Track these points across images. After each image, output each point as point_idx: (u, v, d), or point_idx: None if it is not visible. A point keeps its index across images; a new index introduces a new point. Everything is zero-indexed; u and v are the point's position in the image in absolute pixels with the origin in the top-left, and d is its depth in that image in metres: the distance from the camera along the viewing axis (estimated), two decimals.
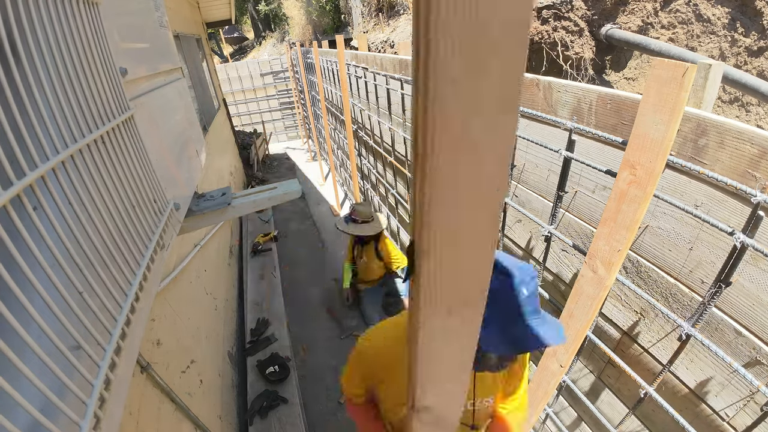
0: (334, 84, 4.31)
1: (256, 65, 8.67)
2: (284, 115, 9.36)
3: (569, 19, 5.19)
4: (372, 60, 2.85)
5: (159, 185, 0.91)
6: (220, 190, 1.44)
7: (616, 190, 0.87)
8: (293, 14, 10.32)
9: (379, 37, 6.24)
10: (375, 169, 3.73)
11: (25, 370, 0.38)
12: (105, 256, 0.60)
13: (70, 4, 0.62)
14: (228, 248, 3.58)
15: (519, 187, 1.56)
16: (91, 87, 0.65)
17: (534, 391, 1.33)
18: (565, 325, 1.13)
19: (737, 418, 0.93)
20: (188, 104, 1.47)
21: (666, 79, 0.70)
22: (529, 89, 1.34)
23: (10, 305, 0.38)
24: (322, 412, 2.63)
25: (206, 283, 2.45)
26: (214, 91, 5.39)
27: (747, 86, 4.11)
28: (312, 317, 3.52)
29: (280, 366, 2.47)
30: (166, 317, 1.59)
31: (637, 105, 0.78)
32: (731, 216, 0.85)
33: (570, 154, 1.14)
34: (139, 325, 0.70)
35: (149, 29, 1.15)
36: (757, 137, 0.76)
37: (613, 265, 0.92)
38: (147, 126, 0.94)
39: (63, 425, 0.43)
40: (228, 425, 2.09)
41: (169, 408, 1.41)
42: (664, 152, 0.75)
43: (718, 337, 0.94)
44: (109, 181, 0.65)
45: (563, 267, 1.44)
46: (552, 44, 5.20)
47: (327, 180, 6.59)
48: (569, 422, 1.62)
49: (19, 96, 0.46)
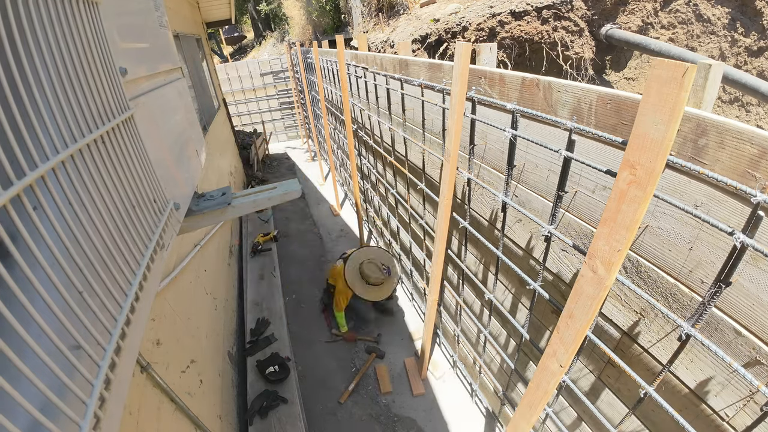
0: (334, 84, 4.31)
1: (256, 65, 8.67)
2: (284, 115, 9.36)
3: (569, 19, 5.19)
4: (372, 60, 2.85)
5: (159, 185, 0.91)
6: (220, 189, 1.44)
7: (616, 190, 0.87)
8: (293, 14, 10.32)
9: (379, 37, 6.24)
10: (375, 168, 3.73)
11: (25, 370, 0.38)
12: (105, 255, 0.60)
13: (70, 4, 0.62)
14: (228, 248, 3.58)
15: (519, 187, 1.56)
16: (91, 87, 0.65)
17: (534, 391, 1.33)
18: (565, 325, 1.13)
19: (737, 418, 0.93)
20: (188, 104, 1.47)
21: (666, 79, 0.70)
22: (529, 89, 1.34)
23: (10, 305, 0.38)
24: (322, 412, 2.64)
25: (206, 283, 2.45)
26: (214, 91, 5.39)
27: (747, 86, 4.12)
28: (312, 317, 3.52)
29: (280, 366, 2.47)
30: (166, 317, 1.59)
31: (637, 105, 0.78)
32: (731, 216, 0.85)
33: (570, 154, 1.14)
34: (139, 325, 0.70)
35: (149, 29, 1.15)
36: (757, 137, 0.76)
37: (613, 265, 0.92)
38: (147, 126, 0.94)
39: (63, 425, 0.43)
40: (228, 425, 2.09)
41: (169, 408, 1.41)
42: (664, 152, 0.75)
43: (718, 337, 0.94)
44: (109, 181, 0.65)
45: (563, 267, 1.44)
46: (552, 44, 5.21)
47: (327, 180, 6.60)
48: (569, 422, 1.62)
49: (19, 96, 0.46)
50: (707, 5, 5.27)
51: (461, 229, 2.05)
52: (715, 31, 5.34)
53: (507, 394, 2.12)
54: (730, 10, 5.25)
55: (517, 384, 2.01)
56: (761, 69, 5.39)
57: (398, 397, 2.69)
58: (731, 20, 5.27)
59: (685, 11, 5.35)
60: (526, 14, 5.09)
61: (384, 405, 2.64)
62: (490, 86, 1.54)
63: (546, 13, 5.10)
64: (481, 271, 2.09)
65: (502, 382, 2.15)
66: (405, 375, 2.84)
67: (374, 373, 2.88)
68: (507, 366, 2.07)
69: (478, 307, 2.27)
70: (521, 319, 1.80)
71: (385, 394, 2.71)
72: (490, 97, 1.54)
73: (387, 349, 3.05)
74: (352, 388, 2.74)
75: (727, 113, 5.58)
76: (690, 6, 5.31)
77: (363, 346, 3.12)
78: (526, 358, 1.85)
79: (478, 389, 2.50)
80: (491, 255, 1.92)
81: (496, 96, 1.52)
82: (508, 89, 1.45)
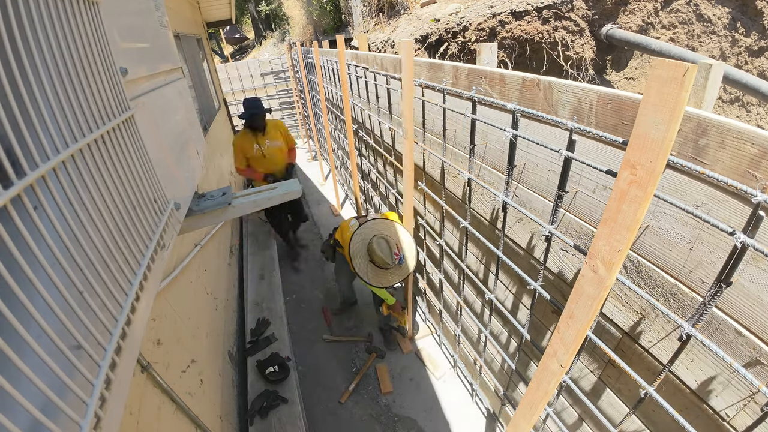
0: (335, 84, 4.31)
1: (257, 65, 8.67)
2: (284, 115, 9.36)
3: (570, 19, 5.19)
4: (372, 60, 2.85)
5: (159, 185, 0.91)
6: (220, 189, 1.44)
7: (616, 190, 0.87)
8: (294, 14, 10.31)
9: (380, 37, 6.24)
10: (375, 168, 3.73)
11: (25, 370, 0.38)
12: (105, 255, 0.60)
13: (70, 3, 0.62)
14: (228, 248, 3.58)
15: (519, 187, 1.56)
16: (92, 87, 0.65)
17: (534, 391, 1.33)
18: (565, 325, 1.13)
19: (737, 419, 0.93)
20: (188, 104, 1.47)
21: (666, 79, 0.70)
22: (529, 89, 1.34)
23: (10, 305, 0.38)
24: (322, 412, 2.64)
25: (207, 282, 2.45)
26: (215, 91, 5.39)
27: (747, 86, 4.11)
28: (312, 317, 3.52)
29: (280, 366, 2.47)
30: (166, 317, 1.60)
31: (638, 105, 0.78)
32: (732, 216, 0.85)
33: (570, 154, 1.14)
34: (140, 325, 0.70)
35: (149, 29, 1.15)
36: (758, 137, 0.75)
37: (614, 265, 0.92)
38: (147, 126, 0.94)
39: (63, 425, 0.43)
40: (228, 425, 2.09)
41: (169, 408, 1.41)
42: (665, 152, 0.75)
43: (719, 337, 0.93)
44: (109, 181, 0.65)
45: (564, 267, 1.44)
46: (552, 44, 5.20)
47: (327, 180, 6.59)
48: (570, 422, 1.62)
49: (19, 95, 0.46)
50: (708, 5, 5.26)
51: (462, 229, 2.05)
52: (715, 31, 5.33)
53: (508, 393, 2.11)
54: (731, 10, 5.24)
55: (518, 384, 2.01)
56: (762, 69, 5.38)
57: (399, 397, 2.69)
58: (732, 20, 5.27)
59: (686, 11, 5.34)
60: (527, 14, 5.08)
61: (384, 405, 2.64)
62: (490, 86, 1.54)
63: (546, 13, 5.10)
64: (482, 271, 2.09)
65: (503, 381, 2.15)
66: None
67: (375, 373, 2.88)
68: (507, 366, 2.07)
69: (479, 306, 2.27)
70: (522, 318, 1.80)
71: (386, 394, 2.71)
72: (490, 97, 1.53)
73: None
74: (352, 388, 2.74)
75: (728, 113, 5.57)
76: (690, 6, 5.31)
77: (363, 346, 3.12)
78: (526, 358, 1.85)
79: (479, 389, 2.49)
80: (492, 255, 1.92)
81: (497, 96, 1.52)
82: (508, 89, 1.45)
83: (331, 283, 3.88)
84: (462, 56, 5.17)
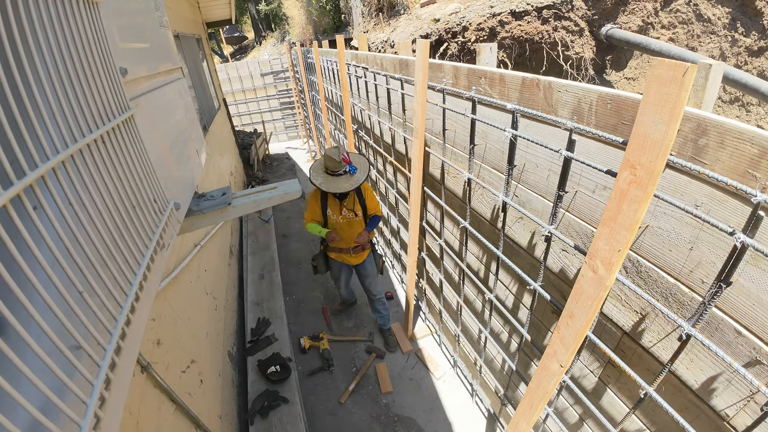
0: (335, 84, 4.31)
1: (257, 65, 8.67)
2: (284, 115, 9.36)
3: (569, 19, 5.19)
4: (372, 60, 2.85)
5: (159, 185, 0.91)
6: (220, 189, 1.43)
7: (616, 190, 0.87)
8: (293, 14, 10.32)
9: (380, 37, 6.24)
10: (375, 167, 3.73)
11: (25, 370, 0.38)
12: (105, 255, 0.60)
13: (70, 3, 0.62)
14: (228, 248, 3.58)
15: (519, 187, 1.56)
16: (92, 87, 0.65)
17: (534, 391, 1.33)
18: (565, 324, 1.13)
19: (737, 418, 0.93)
20: (188, 104, 1.47)
21: (666, 79, 0.70)
22: (529, 89, 1.34)
23: (10, 305, 0.38)
24: (322, 412, 2.64)
25: (206, 282, 2.45)
26: (215, 91, 5.39)
27: (747, 86, 4.11)
28: (312, 317, 3.52)
29: (281, 366, 2.47)
30: (166, 317, 1.59)
31: (638, 105, 0.78)
32: (731, 216, 0.85)
33: (570, 154, 1.14)
34: (140, 325, 0.70)
35: (149, 29, 1.15)
36: (758, 137, 0.75)
37: (614, 265, 0.92)
38: (147, 126, 0.94)
39: (63, 425, 0.43)
40: (228, 425, 2.09)
41: (169, 408, 1.41)
42: (665, 152, 0.75)
43: (719, 337, 0.93)
44: (109, 181, 0.65)
45: (564, 267, 1.44)
46: (552, 44, 5.20)
47: None
48: (570, 422, 1.62)
49: (19, 95, 0.46)
50: (707, 5, 5.26)
51: (462, 229, 2.05)
52: (715, 31, 5.34)
53: (508, 393, 2.11)
54: (731, 10, 5.24)
55: (518, 384, 2.01)
56: (761, 69, 5.39)
57: (399, 397, 2.69)
58: (731, 20, 5.27)
59: (686, 11, 5.35)
60: (527, 14, 5.08)
61: (384, 405, 2.64)
62: (490, 86, 1.54)
63: (546, 13, 5.10)
64: (482, 271, 2.09)
65: (503, 381, 2.15)
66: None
67: (374, 373, 2.88)
68: (508, 366, 2.07)
69: (479, 306, 2.27)
70: (522, 318, 1.80)
71: (386, 394, 2.71)
72: (490, 97, 1.53)
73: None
74: (352, 388, 2.74)
75: (728, 113, 5.57)
76: (690, 6, 5.31)
77: (363, 346, 3.12)
78: (526, 358, 1.85)
79: (479, 389, 2.49)
80: (492, 254, 1.92)
81: (497, 96, 1.52)
82: (508, 89, 1.45)
83: (331, 283, 3.88)
84: (462, 56, 5.17)
